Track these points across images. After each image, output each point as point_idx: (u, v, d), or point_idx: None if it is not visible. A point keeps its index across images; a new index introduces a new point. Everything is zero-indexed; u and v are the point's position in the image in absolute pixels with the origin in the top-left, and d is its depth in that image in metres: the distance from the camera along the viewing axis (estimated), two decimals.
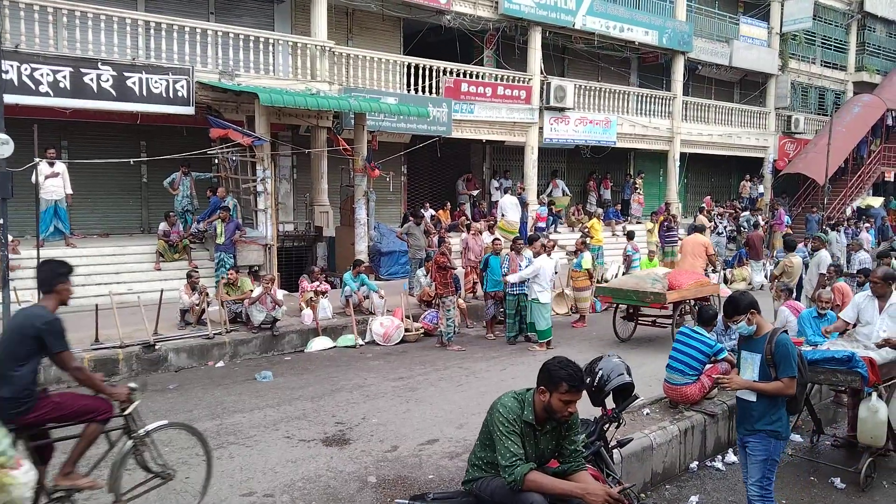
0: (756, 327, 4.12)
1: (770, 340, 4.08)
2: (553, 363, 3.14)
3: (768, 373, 4.08)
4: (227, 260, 11.11)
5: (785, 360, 4.04)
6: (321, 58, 13.28)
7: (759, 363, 4.11)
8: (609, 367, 3.88)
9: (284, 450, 5.77)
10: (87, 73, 10.72)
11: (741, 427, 4.28)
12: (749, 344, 4.21)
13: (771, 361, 4.05)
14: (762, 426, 4.10)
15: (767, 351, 4.06)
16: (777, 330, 4.18)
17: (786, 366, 4.03)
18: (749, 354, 4.21)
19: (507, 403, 3.16)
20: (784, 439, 4.20)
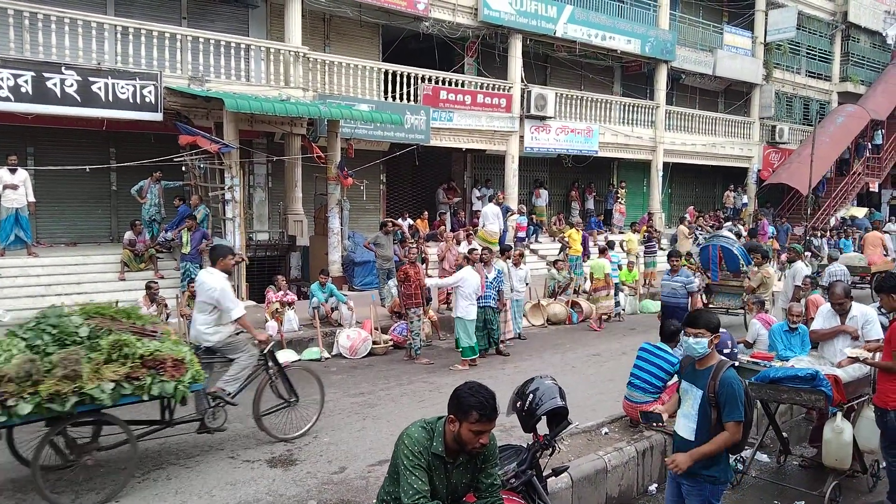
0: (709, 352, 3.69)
1: (714, 377, 3.61)
2: (464, 389, 2.86)
3: (708, 412, 3.63)
4: (193, 270, 10.82)
5: (731, 401, 3.55)
6: (295, 64, 13.07)
7: (700, 401, 3.67)
8: (541, 390, 3.63)
9: (226, 471, 5.50)
10: (51, 77, 10.45)
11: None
12: (692, 374, 3.78)
13: (714, 401, 3.59)
14: (699, 470, 3.67)
15: (710, 388, 3.60)
16: (723, 364, 3.70)
17: (731, 408, 3.55)
18: (690, 387, 3.78)
19: (414, 434, 2.89)
20: (723, 483, 3.78)
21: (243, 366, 6.07)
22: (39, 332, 4.92)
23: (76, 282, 10.89)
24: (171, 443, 6.13)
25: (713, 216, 21.68)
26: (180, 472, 5.48)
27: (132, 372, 4.90)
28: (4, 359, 4.60)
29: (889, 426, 4.95)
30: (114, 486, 5.07)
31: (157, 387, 5.00)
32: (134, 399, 4.99)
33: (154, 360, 5.04)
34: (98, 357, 4.85)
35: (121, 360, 4.93)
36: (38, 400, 4.50)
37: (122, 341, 5.02)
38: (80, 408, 4.70)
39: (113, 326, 5.24)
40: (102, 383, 4.73)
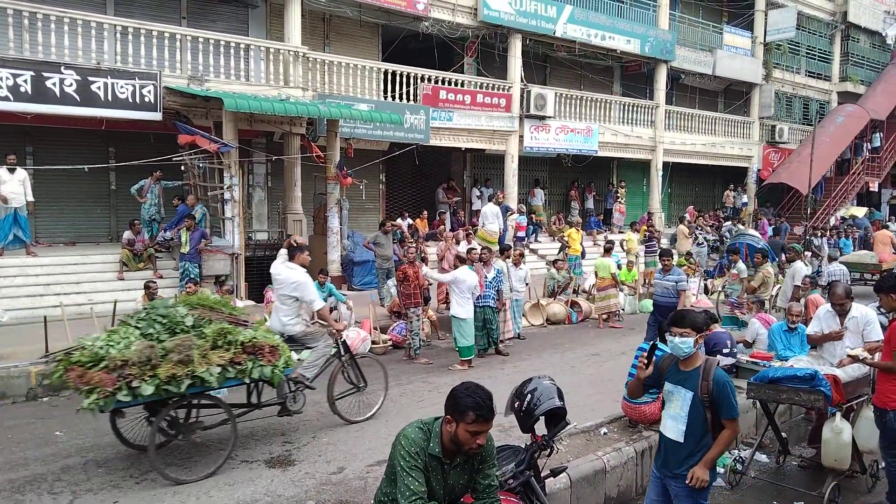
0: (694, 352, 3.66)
1: (706, 377, 3.57)
2: (460, 389, 2.85)
3: (701, 414, 3.59)
4: (191, 269, 10.84)
5: (727, 400, 3.54)
6: (294, 63, 13.06)
7: (691, 402, 3.62)
8: (539, 390, 3.62)
9: (224, 471, 5.48)
10: (50, 77, 10.44)
11: (664, 468, 3.78)
12: (678, 375, 3.71)
13: (708, 401, 3.56)
14: (685, 471, 3.64)
15: (704, 389, 3.55)
16: (711, 362, 3.68)
17: (728, 406, 3.53)
18: (676, 388, 3.70)
19: (411, 435, 2.87)
20: (713, 481, 3.75)
21: (320, 353, 6.56)
22: (151, 322, 5.46)
23: (75, 281, 10.87)
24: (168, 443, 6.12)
25: (713, 216, 21.68)
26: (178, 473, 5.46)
27: (235, 357, 5.36)
28: (124, 345, 5.10)
29: (888, 426, 4.94)
30: (216, 461, 5.50)
31: (256, 371, 5.47)
32: (236, 382, 5.49)
33: (253, 346, 5.50)
34: (204, 344, 5.29)
35: (225, 346, 5.39)
36: (157, 382, 4.95)
37: (225, 329, 5.50)
38: (191, 390, 5.14)
39: (213, 316, 5.72)
40: (211, 367, 5.17)
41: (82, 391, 4.93)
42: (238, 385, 5.59)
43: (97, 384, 4.84)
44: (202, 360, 5.15)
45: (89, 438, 6.18)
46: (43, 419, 6.84)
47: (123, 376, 4.88)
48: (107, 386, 4.83)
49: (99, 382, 4.84)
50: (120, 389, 4.85)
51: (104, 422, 6.71)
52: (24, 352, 8.20)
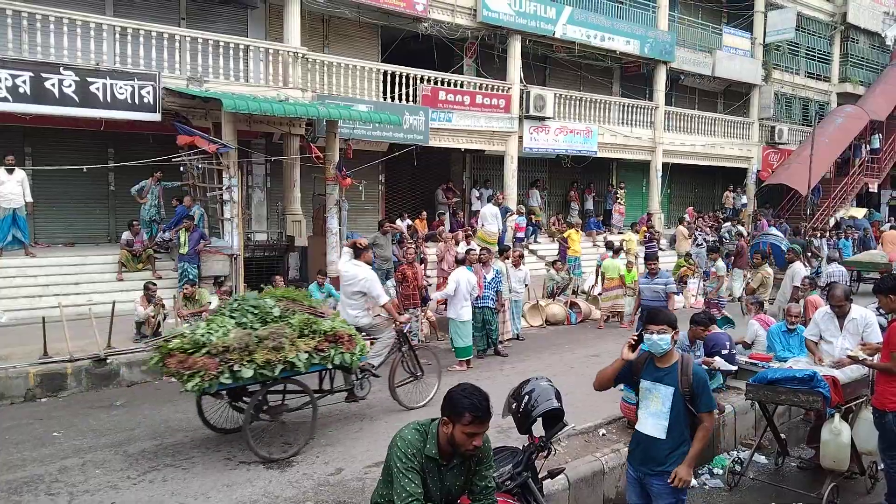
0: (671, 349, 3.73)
1: (685, 372, 3.66)
2: (457, 391, 2.84)
3: (682, 408, 3.65)
4: (190, 270, 10.82)
5: (706, 391, 3.63)
6: (294, 64, 13.06)
7: (673, 397, 3.66)
8: (537, 391, 3.61)
9: (222, 472, 5.48)
10: (49, 77, 10.42)
11: (643, 466, 3.79)
12: (655, 373, 3.74)
13: (689, 395, 3.62)
14: (667, 468, 3.67)
15: (684, 384, 3.62)
16: (687, 357, 3.77)
17: (707, 398, 3.63)
18: (654, 385, 3.74)
19: (407, 436, 2.87)
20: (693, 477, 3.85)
21: (385, 344, 7.10)
22: (244, 312, 5.93)
23: (74, 282, 10.87)
24: (167, 444, 6.13)
25: (712, 216, 21.67)
26: (176, 474, 5.46)
27: (319, 345, 5.83)
28: (223, 333, 5.57)
29: (887, 428, 4.94)
30: (300, 441, 5.95)
31: (338, 357, 5.95)
32: (320, 367, 5.96)
33: (334, 335, 5.98)
34: (292, 332, 5.74)
35: (310, 334, 5.85)
36: (255, 366, 5.42)
37: (310, 319, 5.97)
38: (282, 374, 5.61)
39: (295, 308, 6.16)
40: (299, 353, 5.62)
41: (183, 376, 5.33)
42: (320, 370, 6.09)
43: (201, 368, 5.28)
44: (291, 347, 5.61)
45: (87, 439, 6.18)
46: (41, 420, 6.83)
47: (225, 361, 5.35)
48: (211, 370, 5.28)
49: (203, 366, 5.28)
50: (222, 373, 5.32)
51: (103, 422, 6.75)
52: (22, 352, 8.20)
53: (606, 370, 3.85)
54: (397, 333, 7.20)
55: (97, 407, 7.29)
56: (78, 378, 7.96)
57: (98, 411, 7.13)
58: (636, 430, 3.86)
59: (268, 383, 5.68)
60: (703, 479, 5.82)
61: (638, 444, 3.84)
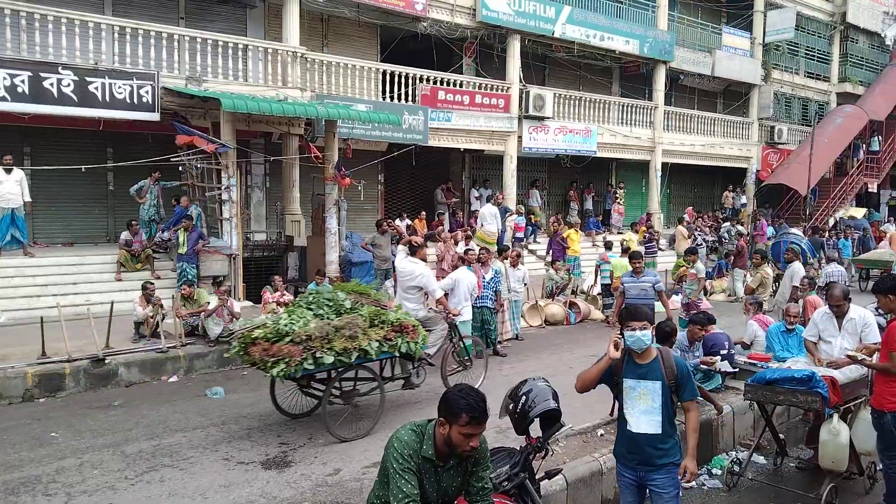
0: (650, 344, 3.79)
1: (668, 363, 3.74)
2: (453, 392, 2.83)
3: (669, 400, 3.73)
4: (189, 270, 10.80)
5: (690, 380, 3.76)
6: (293, 64, 13.05)
7: (661, 391, 3.71)
8: (534, 392, 3.60)
9: (220, 473, 5.48)
10: (47, 77, 10.42)
11: (643, 465, 3.77)
12: (637, 370, 3.76)
13: (674, 386, 3.72)
14: (667, 460, 3.72)
15: (670, 375, 3.71)
16: (664, 350, 3.87)
17: (692, 386, 3.76)
18: (639, 383, 3.74)
19: (404, 437, 2.86)
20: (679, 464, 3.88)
21: (439, 335, 7.61)
22: (320, 304, 6.48)
23: (72, 282, 10.86)
24: (165, 444, 6.12)
25: (712, 216, 21.65)
26: (174, 474, 5.45)
27: (387, 334, 6.30)
28: (303, 323, 6.07)
29: (886, 428, 4.92)
30: (369, 423, 6.39)
31: (404, 346, 6.42)
32: (388, 355, 6.44)
33: (400, 325, 6.47)
34: (364, 323, 6.22)
35: (379, 324, 6.35)
36: (334, 353, 5.87)
37: (378, 311, 6.49)
38: (357, 360, 6.09)
39: (363, 301, 6.71)
40: (371, 342, 6.09)
41: (268, 363, 5.81)
42: (386, 358, 6.59)
43: (286, 355, 5.75)
44: (364, 336, 6.10)
45: (85, 440, 6.17)
46: (39, 420, 6.82)
47: (308, 348, 5.81)
48: (295, 356, 5.75)
49: (288, 353, 5.75)
50: (306, 359, 5.79)
51: (101, 422, 6.74)
52: (20, 353, 8.19)
53: (590, 371, 3.82)
54: (448, 326, 7.78)
55: (95, 407, 7.28)
56: (76, 378, 7.95)
57: (96, 411, 7.12)
58: (628, 431, 3.82)
59: (341, 369, 6.18)
60: (701, 480, 5.81)
61: (634, 445, 3.81)
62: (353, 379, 6.65)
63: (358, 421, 6.47)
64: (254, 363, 6.12)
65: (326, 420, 6.11)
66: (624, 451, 3.88)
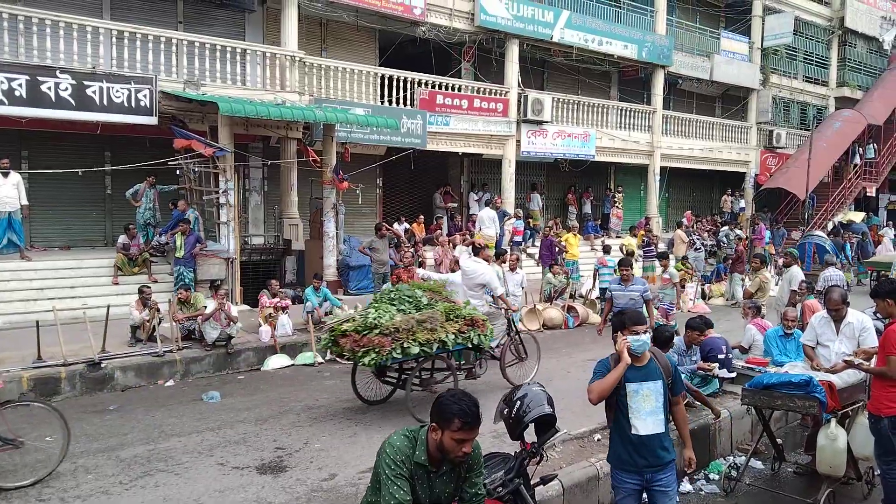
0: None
1: (662, 362, 3.88)
2: (446, 396, 2.81)
3: (668, 397, 3.86)
4: (186, 274, 10.78)
5: (679, 374, 3.98)
6: (291, 68, 13.06)
7: (663, 389, 3.81)
8: (529, 397, 3.58)
9: (215, 478, 5.45)
10: (45, 81, 10.42)
11: (650, 467, 3.78)
12: (637, 373, 3.78)
13: (670, 382, 3.87)
14: (671, 457, 3.84)
15: (667, 373, 3.84)
16: (654, 349, 3.99)
17: (681, 380, 3.95)
18: (642, 385, 3.77)
19: (396, 443, 2.83)
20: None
21: (500, 330, 8.08)
22: (402, 300, 7.12)
23: (69, 286, 10.82)
24: (160, 449, 6.08)
25: (710, 220, 21.64)
26: (169, 479, 5.42)
27: (461, 327, 6.92)
28: (389, 317, 6.71)
29: (883, 433, 4.90)
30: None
31: (476, 338, 7.02)
32: (462, 346, 7.01)
33: (472, 319, 7.10)
34: (441, 317, 6.83)
35: (454, 318, 6.98)
36: (418, 344, 6.49)
37: (453, 306, 7.17)
38: (437, 351, 6.74)
39: (437, 298, 7.37)
40: (448, 334, 6.74)
41: (358, 353, 6.46)
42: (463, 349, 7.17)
43: (376, 346, 6.37)
44: (441, 328, 6.73)
45: (80, 444, 6.12)
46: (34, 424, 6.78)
47: (396, 339, 6.44)
48: (385, 346, 6.35)
49: (378, 344, 6.38)
50: (395, 349, 6.40)
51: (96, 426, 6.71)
52: (16, 356, 8.16)
53: (607, 381, 3.76)
54: (507, 321, 8.28)
55: (90, 411, 7.25)
56: (72, 382, 7.92)
57: (91, 416, 7.09)
58: (633, 435, 3.78)
59: (422, 359, 6.78)
60: (699, 485, 5.79)
61: (641, 448, 3.79)
62: (430, 368, 7.23)
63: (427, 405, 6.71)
64: (341, 354, 6.91)
65: (409, 404, 6.68)
66: (627, 457, 3.84)
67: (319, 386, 8.37)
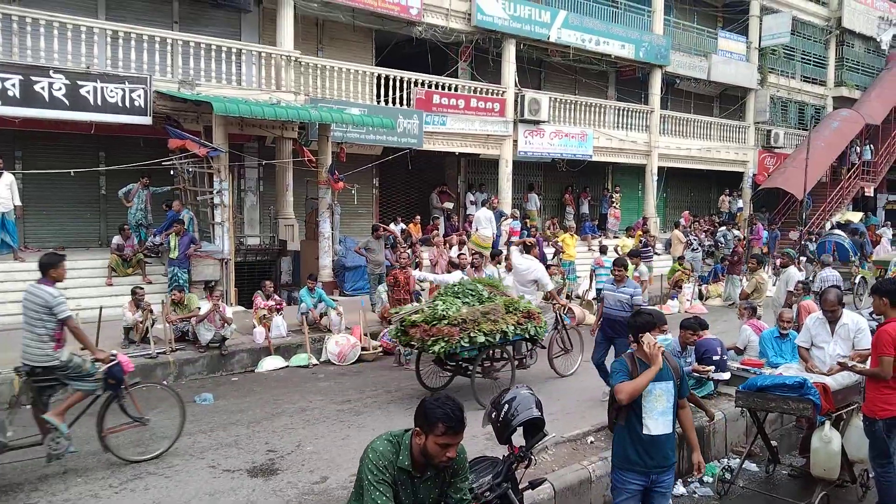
0: None
1: (671, 363, 3.88)
2: (430, 400, 2.76)
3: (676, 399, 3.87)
4: (180, 275, 10.73)
5: (685, 376, 3.98)
6: (287, 68, 13.01)
7: (674, 390, 3.83)
8: (517, 400, 3.53)
9: (206, 481, 5.41)
10: (39, 81, 10.36)
11: (657, 468, 3.78)
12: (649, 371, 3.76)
13: (679, 383, 3.86)
14: (675, 458, 3.90)
15: (677, 374, 3.84)
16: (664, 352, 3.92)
17: (687, 382, 3.96)
18: (656, 385, 3.75)
19: (379, 448, 2.78)
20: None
21: (549, 323, 8.37)
22: (465, 294, 7.64)
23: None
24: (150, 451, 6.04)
25: (708, 221, 21.62)
26: (159, 482, 5.38)
27: (519, 319, 7.44)
28: (456, 309, 7.24)
29: (877, 436, 4.88)
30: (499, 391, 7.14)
31: (532, 329, 7.53)
32: (520, 337, 7.56)
33: (528, 312, 7.61)
34: (502, 309, 7.35)
35: (513, 311, 7.49)
36: (482, 334, 7.01)
37: (511, 300, 7.72)
38: (499, 340, 7.25)
39: (495, 292, 7.86)
40: (509, 325, 7.27)
41: (427, 342, 7.00)
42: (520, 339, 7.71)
43: (445, 335, 6.88)
44: (503, 320, 7.22)
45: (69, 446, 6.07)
46: (24, 427, 6.73)
47: (464, 329, 6.94)
48: (454, 336, 6.87)
49: (448, 334, 6.88)
50: (462, 339, 6.92)
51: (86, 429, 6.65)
52: (8, 358, 8.06)
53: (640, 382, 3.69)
54: (555, 315, 8.74)
55: None
56: None
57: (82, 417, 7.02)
58: (646, 436, 3.75)
59: (487, 348, 7.31)
60: (692, 488, 5.75)
61: (652, 449, 3.76)
62: (490, 358, 7.68)
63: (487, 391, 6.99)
64: (409, 343, 7.46)
65: (474, 390, 7.15)
66: (636, 458, 3.80)
67: (313, 388, 8.33)
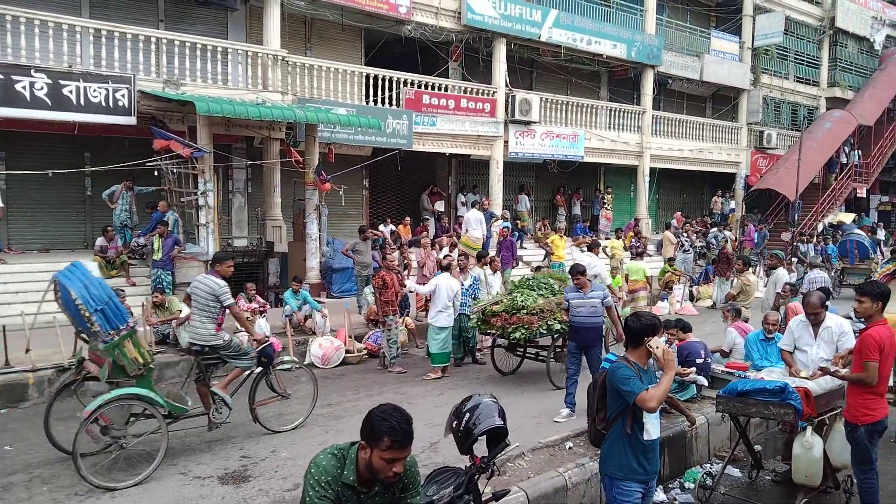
0: None
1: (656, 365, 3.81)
2: (376, 412, 2.61)
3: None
4: (164, 277, 10.60)
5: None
6: (274, 67, 12.89)
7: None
8: (479, 408, 3.42)
9: (175, 488, 5.28)
10: (19, 80, 10.23)
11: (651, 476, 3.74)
12: (647, 377, 3.68)
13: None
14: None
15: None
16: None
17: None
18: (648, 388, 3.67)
19: (322, 462, 2.64)
20: None
21: None
22: (539, 287, 8.49)
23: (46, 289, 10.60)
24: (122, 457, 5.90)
25: (700, 222, 21.56)
26: (127, 490, 5.25)
27: None
28: (532, 300, 8.05)
29: (860, 442, 4.79)
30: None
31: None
32: None
33: None
34: None
35: None
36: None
37: None
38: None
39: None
40: None
41: (507, 329, 7.92)
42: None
43: (525, 323, 7.76)
44: None
45: (39, 453, 5.98)
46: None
47: (542, 318, 7.77)
48: (533, 324, 7.71)
49: (528, 322, 7.74)
50: (541, 327, 7.76)
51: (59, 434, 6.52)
52: None
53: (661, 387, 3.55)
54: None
55: (56, 419, 7.04)
56: (40, 388, 7.75)
57: (56, 423, 6.87)
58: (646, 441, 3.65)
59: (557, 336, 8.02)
60: (672, 495, 5.65)
61: (650, 454, 3.71)
62: (552, 345, 8.26)
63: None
64: (487, 332, 8.43)
65: (549, 372, 7.99)
66: (637, 466, 3.67)
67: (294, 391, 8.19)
